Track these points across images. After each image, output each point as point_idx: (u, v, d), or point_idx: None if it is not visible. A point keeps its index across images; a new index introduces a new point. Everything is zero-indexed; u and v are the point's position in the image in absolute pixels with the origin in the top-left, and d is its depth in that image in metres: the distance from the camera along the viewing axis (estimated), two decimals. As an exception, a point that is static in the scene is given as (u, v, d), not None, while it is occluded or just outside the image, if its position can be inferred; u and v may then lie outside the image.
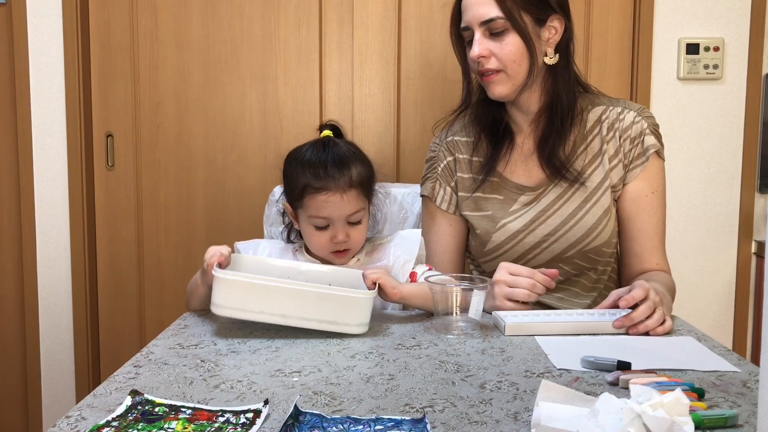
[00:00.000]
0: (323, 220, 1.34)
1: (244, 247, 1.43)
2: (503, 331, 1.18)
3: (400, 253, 1.40)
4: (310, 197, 1.33)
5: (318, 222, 1.34)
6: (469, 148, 1.51)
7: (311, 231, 1.36)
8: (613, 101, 1.46)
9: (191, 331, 1.20)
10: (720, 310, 2.17)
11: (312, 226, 1.35)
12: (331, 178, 1.32)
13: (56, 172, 2.16)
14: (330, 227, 1.34)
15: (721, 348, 1.11)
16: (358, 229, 1.37)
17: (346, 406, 0.87)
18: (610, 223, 1.41)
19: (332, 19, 2.12)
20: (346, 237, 1.34)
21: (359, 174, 1.35)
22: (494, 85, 1.39)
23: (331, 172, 1.32)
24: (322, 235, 1.35)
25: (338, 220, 1.34)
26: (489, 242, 1.45)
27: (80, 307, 2.18)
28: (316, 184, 1.32)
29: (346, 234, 1.34)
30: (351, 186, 1.33)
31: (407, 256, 1.40)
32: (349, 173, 1.33)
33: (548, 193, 1.43)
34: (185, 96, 2.16)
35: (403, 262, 1.39)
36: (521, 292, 1.26)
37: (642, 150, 1.41)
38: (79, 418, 0.83)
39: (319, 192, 1.32)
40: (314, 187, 1.32)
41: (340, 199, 1.32)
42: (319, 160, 1.34)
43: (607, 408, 0.77)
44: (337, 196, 1.32)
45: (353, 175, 1.34)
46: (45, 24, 2.12)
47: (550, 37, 1.39)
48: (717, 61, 2.08)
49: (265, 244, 1.45)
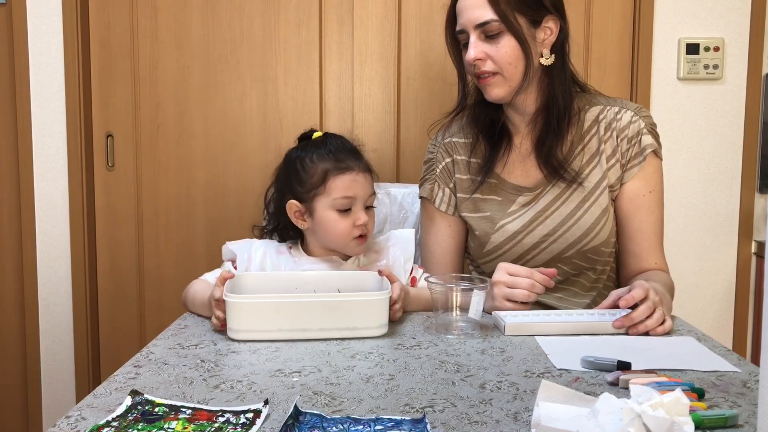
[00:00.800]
0: (348, 201, 1.35)
1: (237, 248, 1.40)
2: (503, 331, 1.18)
3: (399, 253, 1.42)
4: (335, 179, 1.35)
5: (343, 204, 1.35)
6: (467, 150, 1.51)
7: (334, 218, 1.36)
8: (611, 101, 1.46)
9: (191, 331, 1.20)
10: (720, 310, 2.17)
11: (335, 212, 1.35)
12: (351, 160, 1.37)
13: (56, 172, 2.16)
14: (351, 211, 1.36)
15: (721, 348, 1.11)
16: (372, 214, 1.40)
17: (346, 406, 0.87)
18: (608, 223, 1.41)
19: (332, 19, 2.12)
20: (367, 219, 1.37)
21: (367, 160, 1.42)
22: (491, 87, 1.39)
23: (347, 155, 1.38)
24: (345, 220, 1.35)
25: (361, 200, 1.37)
26: (488, 243, 1.45)
27: (80, 307, 2.18)
28: (340, 165, 1.36)
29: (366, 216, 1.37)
30: (368, 169, 1.40)
31: (406, 255, 1.42)
32: (363, 158, 1.41)
33: (546, 193, 1.43)
34: (185, 96, 2.16)
35: (404, 261, 1.41)
36: (520, 293, 1.26)
37: (639, 149, 1.41)
38: (79, 418, 0.83)
39: (345, 172, 1.36)
40: (339, 167, 1.36)
41: (363, 179, 1.37)
42: (336, 147, 1.39)
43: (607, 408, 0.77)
44: (361, 176, 1.37)
45: (364, 159, 1.41)
46: (45, 24, 2.12)
47: (546, 38, 1.39)
48: (717, 61, 2.08)
49: (258, 243, 1.42)
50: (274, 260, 1.39)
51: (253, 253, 1.39)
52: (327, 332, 1.15)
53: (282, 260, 1.40)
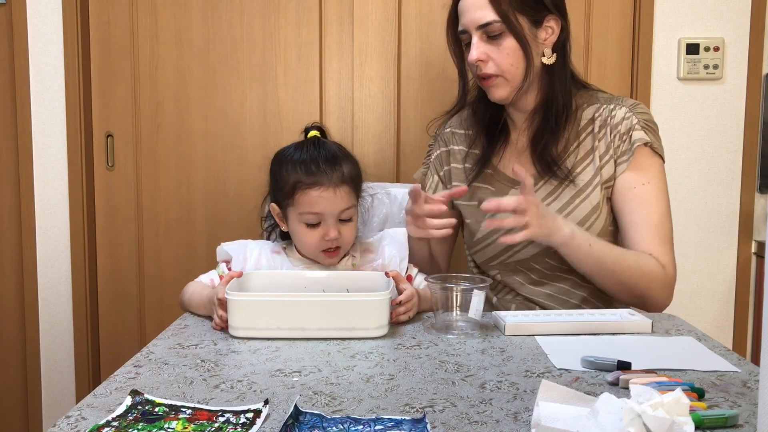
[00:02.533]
0: (315, 217, 1.32)
1: (232, 249, 1.39)
2: (503, 331, 1.18)
3: (395, 252, 1.41)
4: (302, 193, 1.32)
5: (310, 219, 1.32)
6: (466, 141, 1.54)
7: (302, 230, 1.34)
8: (609, 99, 1.47)
9: (191, 331, 1.20)
10: (720, 310, 2.17)
11: (303, 225, 1.34)
12: (323, 174, 1.31)
13: (56, 172, 2.16)
14: (321, 225, 1.33)
15: (721, 348, 1.11)
16: (349, 227, 1.36)
17: (346, 406, 0.87)
18: (599, 220, 1.41)
19: (332, 19, 2.12)
20: (337, 234, 1.32)
21: (350, 171, 1.35)
22: (494, 88, 1.41)
23: (323, 168, 1.32)
24: (314, 233, 1.33)
25: (330, 217, 1.32)
26: (478, 231, 1.48)
27: (80, 307, 2.18)
28: (308, 179, 1.31)
29: (337, 231, 1.33)
30: (343, 182, 1.33)
31: (402, 254, 1.41)
32: (341, 169, 1.33)
33: (538, 189, 1.44)
34: (185, 96, 2.16)
35: (399, 260, 1.40)
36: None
37: (629, 145, 1.41)
38: (79, 418, 0.83)
39: (312, 187, 1.31)
40: (306, 182, 1.31)
41: (332, 194, 1.31)
42: (310, 157, 1.34)
43: (607, 408, 0.77)
44: (330, 191, 1.31)
45: (344, 172, 1.33)
46: (45, 24, 2.12)
47: (547, 38, 1.40)
48: (717, 61, 2.08)
49: (252, 245, 1.41)
50: (269, 260, 1.39)
51: (248, 253, 1.39)
52: (326, 332, 1.15)
53: (278, 260, 1.39)
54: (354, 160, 1.40)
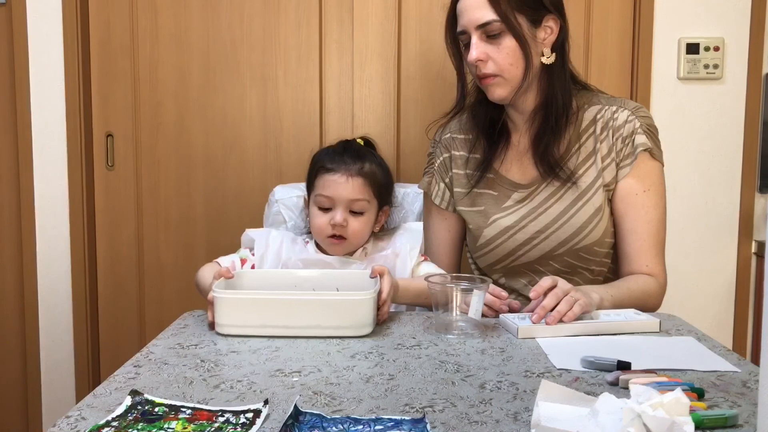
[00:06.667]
0: (327, 200, 1.40)
1: (256, 235, 1.47)
2: (516, 335, 1.17)
3: (405, 241, 1.46)
4: (320, 177, 1.42)
5: (322, 201, 1.41)
6: (466, 145, 1.53)
7: (314, 212, 1.43)
8: (610, 100, 1.47)
9: (191, 331, 1.20)
10: (720, 310, 2.17)
11: (316, 207, 1.42)
12: (343, 162, 1.42)
13: (56, 172, 2.16)
14: (332, 211, 1.41)
15: (721, 348, 1.11)
16: (359, 220, 1.41)
17: (346, 406, 0.87)
18: (601, 223, 1.41)
19: (332, 19, 2.12)
20: (344, 221, 1.39)
21: (371, 169, 1.43)
22: (493, 88, 1.41)
23: (345, 158, 1.42)
24: (323, 216, 1.41)
25: (341, 203, 1.40)
26: (481, 237, 1.48)
27: (80, 307, 2.18)
28: (328, 164, 1.42)
29: (344, 219, 1.39)
30: (360, 174, 1.41)
31: (412, 243, 1.45)
32: (361, 163, 1.42)
33: (541, 191, 1.44)
34: (185, 96, 2.16)
35: (410, 248, 1.45)
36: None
37: (632, 149, 1.41)
38: (79, 418, 0.83)
39: (329, 172, 1.41)
40: (326, 167, 1.42)
41: (346, 181, 1.40)
42: (337, 150, 1.46)
43: (607, 408, 0.77)
44: (344, 177, 1.40)
45: (364, 167, 1.42)
46: (45, 24, 2.12)
47: (546, 37, 1.40)
48: (717, 61, 2.08)
49: (275, 233, 1.49)
50: (289, 248, 1.45)
51: (271, 241, 1.46)
52: (310, 330, 1.16)
53: (296, 250, 1.45)
54: (384, 167, 1.49)
